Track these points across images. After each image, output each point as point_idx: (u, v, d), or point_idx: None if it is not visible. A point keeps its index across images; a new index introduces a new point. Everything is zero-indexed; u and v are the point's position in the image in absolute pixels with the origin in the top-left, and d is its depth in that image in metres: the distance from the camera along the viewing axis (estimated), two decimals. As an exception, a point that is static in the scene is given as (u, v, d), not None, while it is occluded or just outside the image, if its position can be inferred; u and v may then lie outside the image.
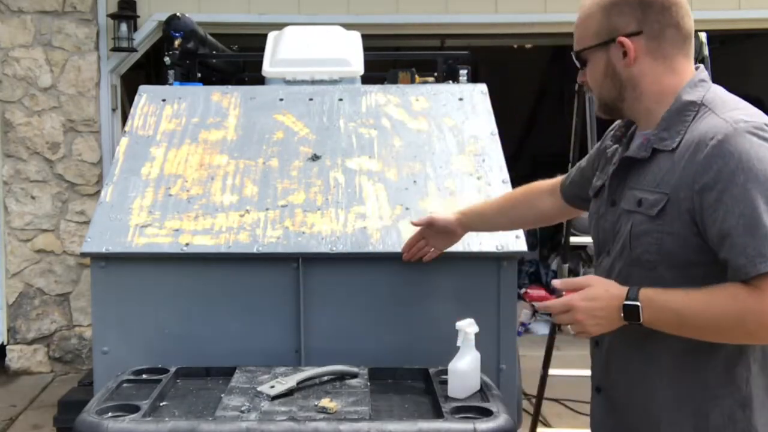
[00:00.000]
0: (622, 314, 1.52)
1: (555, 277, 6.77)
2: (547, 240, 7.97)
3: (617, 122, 1.85)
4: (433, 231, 2.30)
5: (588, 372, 1.92)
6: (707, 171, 1.47)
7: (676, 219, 1.52)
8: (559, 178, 2.15)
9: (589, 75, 1.71)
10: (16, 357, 5.83)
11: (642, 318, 1.50)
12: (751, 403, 1.55)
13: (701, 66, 1.68)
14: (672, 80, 1.62)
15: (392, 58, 6.68)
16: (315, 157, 2.79)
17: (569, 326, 1.60)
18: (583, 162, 2.04)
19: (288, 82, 3.30)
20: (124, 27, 5.71)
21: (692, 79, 1.63)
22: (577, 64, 1.72)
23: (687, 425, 1.59)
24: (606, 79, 1.66)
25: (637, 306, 1.50)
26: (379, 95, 3.10)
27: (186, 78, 4.06)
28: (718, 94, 1.61)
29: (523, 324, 6.68)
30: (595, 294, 1.55)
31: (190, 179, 2.70)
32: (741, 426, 1.55)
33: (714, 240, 1.47)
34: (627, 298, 1.52)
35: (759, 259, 1.40)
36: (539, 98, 10.53)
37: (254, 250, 2.45)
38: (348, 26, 3.78)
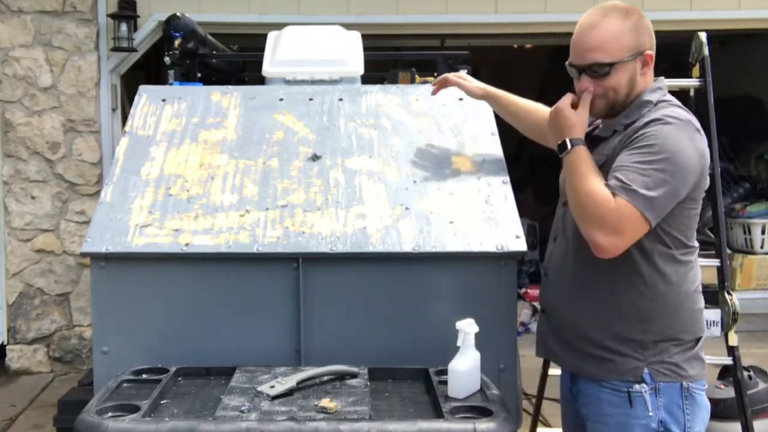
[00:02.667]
0: (560, 141, 2.12)
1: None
2: (547, 240, 7.96)
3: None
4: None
5: None
6: (631, 137, 2.07)
7: (606, 169, 2.07)
8: None
9: (611, 81, 2.11)
10: (16, 357, 5.83)
11: (565, 153, 2.11)
12: (649, 322, 2.12)
13: (661, 78, 2.20)
14: (644, 85, 2.16)
15: (392, 58, 6.69)
16: (315, 157, 2.79)
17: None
18: None
19: (288, 82, 3.30)
20: (124, 27, 5.71)
21: (653, 85, 2.17)
22: (594, 73, 2.11)
23: (601, 334, 2.14)
24: (626, 87, 2.12)
25: (570, 147, 2.11)
26: (379, 95, 3.10)
27: (186, 78, 4.06)
28: (670, 100, 2.15)
29: (523, 324, 6.68)
30: (571, 119, 2.13)
31: (190, 179, 2.70)
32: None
33: (609, 172, 2.05)
34: (572, 138, 2.11)
35: (622, 185, 1.99)
36: (539, 98, 10.52)
37: (254, 250, 2.45)
38: (348, 26, 3.78)
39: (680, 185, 2.00)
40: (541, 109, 2.63)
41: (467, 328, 2.07)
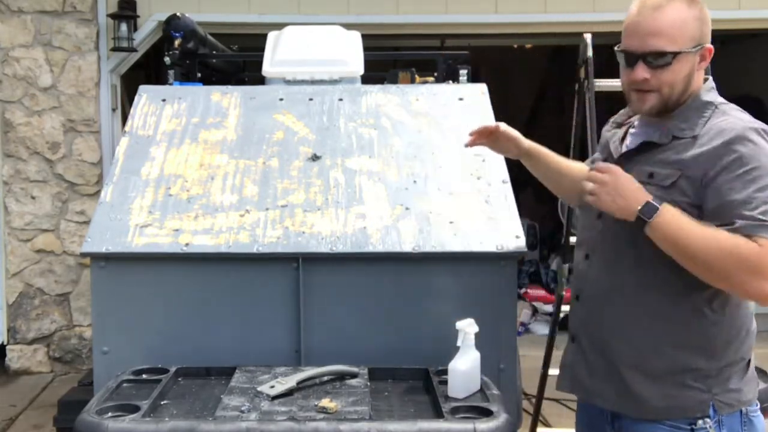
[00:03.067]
0: (640, 207, 1.79)
1: (555, 277, 6.79)
2: (547, 240, 7.97)
3: (620, 112, 2.16)
4: (495, 137, 2.29)
5: None
6: (721, 157, 1.80)
7: (685, 190, 1.83)
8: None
9: (670, 74, 1.86)
10: (16, 357, 5.83)
11: (655, 218, 1.77)
12: (716, 349, 1.90)
13: (709, 77, 1.98)
14: (699, 83, 1.94)
15: (392, 58, 6.68)
16: (315, 157, 2.79)
17: (585, 188, 1.86)
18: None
19: (288, 82, 3.30)
20: (124, 27, 5.71)
21: (707, 84, 1.96)
22: (652, 62, 1.86)
23: (659, 366, 1.90)
24: (683, 82, 1.89)
25: (657, 207, 1.78)
26: (379, 95, 3.10)
27: (186, 78, 4.06)
28: (725, 101, 1.96)
29: (523, 324, 6.68)
30: (632, 180, 1.84)
31: (190, 179, 2.70)
32: (703, 371, 1.89)
33: (716, 209, 1.79)
34: (651, 201, 1.80)
35: (753, 222, 1.74)
36: (539, 98, 10.53)
37: (254, 250, 2.45)
38: (348, 26, 3.78)
39: None
40: (576, 167, 2.30)
41: (467, 328, 2.07)
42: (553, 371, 4.10)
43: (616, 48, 1.93)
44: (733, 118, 1.86)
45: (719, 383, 1.88)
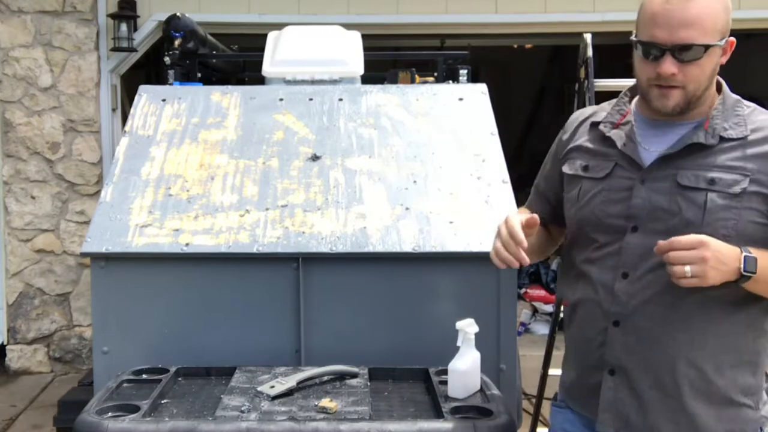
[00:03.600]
0: (742, 264, 1.61)
1: (555, 277, 6.78)
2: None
3: (582, 115, 1.97)
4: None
5: None
6: None
7: (754, 198, 1.69)
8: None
9: (698, 69, 1.70)
10: (16, 357, 5.83)
11: (757, 269, 1.62)
12: (762, 364, 1.79)
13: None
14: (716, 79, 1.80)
15: (392, 58, 6.68)
16: (315, 157, 2.79)
17: (676, 271, 1.60)
18: (540, 183, 2.07)
19: (288, 82, 3.30)
20: (124, 27, 5.71)
21: (723, 82, 1.83)
22: (683, 55, 1.68)
23: (721, 388, 1.75)
24: (708, 78, 1.73)
25: (755, 257, 1.62)
26: (379, 95, 3.10)
27: (186, 78, 4.06)
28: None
29: (523, 324, 6.68)
30: (720, 242, 1.62)
31: (190, 179, 2.70)
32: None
33: None
34: (743, 250, 1.63)
35: None
36: (539, 98, 10.53)
37: (254, 250, 2.45)
38: (348, 26, 3.78)
39: None
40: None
41: (467, 328, 2.07)
42: (553, 371, 4.10)
43: (635, 38, 1.74)
44: None
45: (764, 400, 1.79)
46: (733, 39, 1.74)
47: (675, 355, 1.73)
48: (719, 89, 1.81)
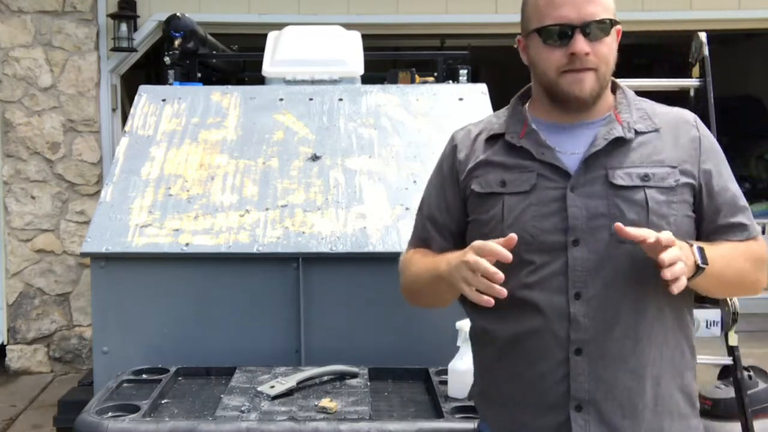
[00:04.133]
0: (698, 256, 1.51)
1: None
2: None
3: (471, 132, 1.81)
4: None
5: None
6: (708, 150, 1.65)
7: (684, 189, 1.61)
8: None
9: (606, 48, 1.60)
10: (16, 357, 5.83)
11: (708, 266, 1.51)
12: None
13: None
14: None
15: (392, 58, 6.68)
16: (315, 157, 2.79)
17: (668, 272, 1.43)
18: (436, 216, 1.79)
19: (288, 82, 3.30)
20: (124, 27, 5.71)
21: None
22: (593, 32, 1.58)
23: (688, 402, 1.65)
24: (614, 58, 1.63)
25: (703, 248, 1.53)
26: (379, 95, 3.10)
27: (186, 78, 4.06)
28: None
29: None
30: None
31: (190, 179, 2.70)
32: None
33: (720, 207, 1.63)
34: (691, 244, 1.53)
35: (753, 223, 1.66)
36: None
37: (254, 250, 2.45)
38: (348, 26, 3.78)
39: None
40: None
41: (467, 327, 2.07)
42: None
43: (534, 29, 1.63)
44: (665, 107, 1.71)
45: (698, 406, 1.70)
46: (620, 27, 1.64)
47: (643, 375, 1.57)
48: (614, 87, 1.70)
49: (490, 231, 1.63)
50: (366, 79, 3.41)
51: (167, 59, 4.00)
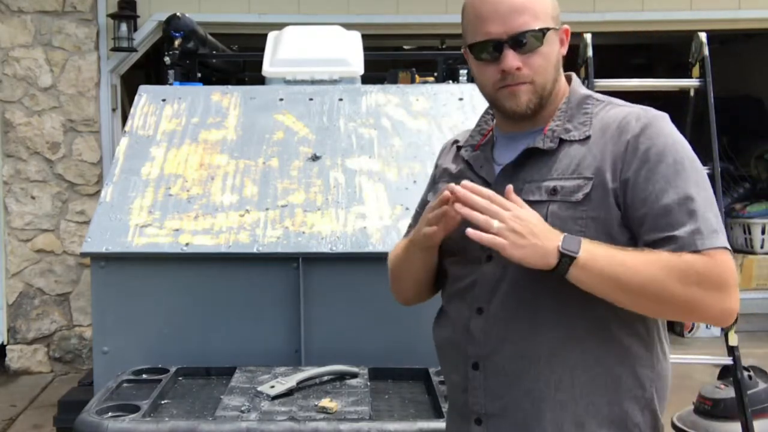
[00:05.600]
0: (560, 243, 1.36)
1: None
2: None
3: (452, 138, 1.80)
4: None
5: None
6: (635, 152, 1.46)
7: (601, 203, 1.46)
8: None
9: (540, 58, 1.53)
10: (16, 357, 5.83)
11: (579, 255, 1.36)
12: (653, 396, 1.53)
13: (572, 73, 1.68)
14: (562, 75, 1.62)
15: (392, 58, 6.69)
16: (315, 157, 2.79)
17: (481, 221, 1.36)
18: (418, 211, 1.84)
19: (288, 82, 3.30)
20: (124, 27, 5.71)
21: (575, 78, 1.65)
22: (522, 45, 1.51)
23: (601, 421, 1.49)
24: (555, 66, 1.57)
25: (579, 238, 1.38)
26: (379, 95, 3.10)
27: (186, 78, 4.06)
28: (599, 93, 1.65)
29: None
30: (535, 215, 1.40)
31: (190, 179, 2.70)
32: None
33: (642, 220, 1.44)
34: (564, 245, 1.38)
35: (697, 235, 1.39)
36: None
37: (254, 250, 2.45)
38: (348, 26, 3.78)
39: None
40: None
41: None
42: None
43: (467, 45, 1.59)
44: (626, 107, 1.56)
45: None
46: (567, 27, 1.60)
47: (542, 398, 1.47)
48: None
49: (443, 240, 1.61)
50: (366, 79, 3.42)
51: (167, 59, 4.01)
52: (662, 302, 1.41)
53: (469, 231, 1.38)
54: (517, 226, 1.37)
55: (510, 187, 1.43)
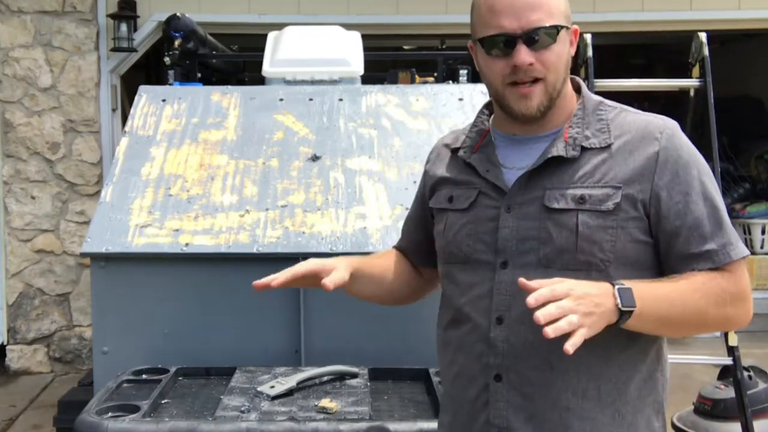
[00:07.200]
0: (618, 299, 1.34)
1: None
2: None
3: (441, 141, 1.77)
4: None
5: None
6: (666, 164, 1.48)
7: (630, 212, 1.46)
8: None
9: (553, 55, 1.50)
10: (16, 357, 5.83)
11: (638, 301, 1.35)
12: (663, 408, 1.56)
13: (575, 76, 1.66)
14: (569, 76, 1.59)
15: (392, 58, 6.69)
16: (315, 157, 2.79)
17: (550, 329, 1.27)
18: (410, 226, 1.84)
19: (288, 82, 3.30)
20: (124, 27, 5.71)
21: (582, 82, 1.63)
22: (535, 42, 1.48)
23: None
24: (565, 66, 1.54)
25: (630, 288, 1.35)
26: (379, 95, 3.10)
27: (186, 78, 4.06)
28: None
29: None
30: (581, 284, 1.34)
31: (190, 179, 2.70)
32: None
33: (677, 233, 1.46)
34: (614, 285, 1.36)
35: (729, 247, 1.46)
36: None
37: (254, 250, 2.45)
38: (348, 26, 3.78)
39: None
40: (392, 259, 1.84)
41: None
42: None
43: (477, 39, 1.54)
44: (642, 115, 1.56)
45: None
46: (576, 27, 1.56)
47: (566, 408, 1.46)
48: (579, 92, 1.61)
49: (438, 246, 1.64)
50: (366, 79, 3.42)
51: (167, 59, 4.01)
52: (700, 327, 1.49)
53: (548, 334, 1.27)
54: (583, 307, 1.31)
55: (522, 280, 1.34)
